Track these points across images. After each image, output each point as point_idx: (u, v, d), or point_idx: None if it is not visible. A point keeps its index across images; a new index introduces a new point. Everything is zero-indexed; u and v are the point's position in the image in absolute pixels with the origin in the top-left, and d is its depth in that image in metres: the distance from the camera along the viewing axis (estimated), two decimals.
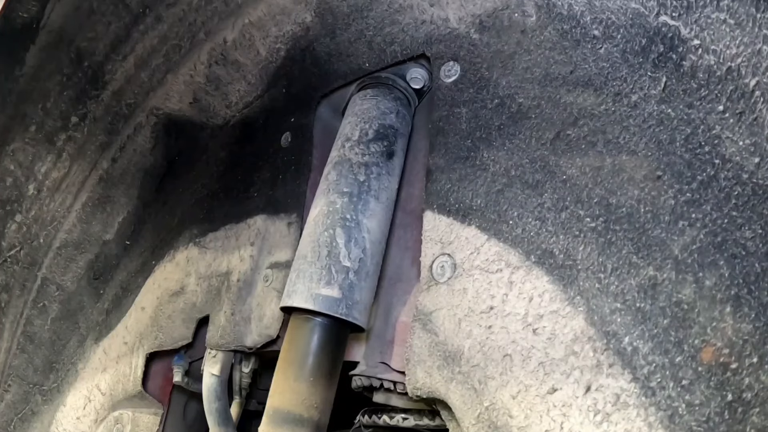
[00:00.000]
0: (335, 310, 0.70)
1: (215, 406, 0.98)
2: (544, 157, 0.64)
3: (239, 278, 1.00)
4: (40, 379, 1.35)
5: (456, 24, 0.75)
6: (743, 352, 0.48)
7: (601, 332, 0.55)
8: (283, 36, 0.99)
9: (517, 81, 0.68)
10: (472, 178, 0.69)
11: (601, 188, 0.59)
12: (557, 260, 0.59)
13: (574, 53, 0.64)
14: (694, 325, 0.50)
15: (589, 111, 0.62)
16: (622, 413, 0.51)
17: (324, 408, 0.70)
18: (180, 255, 1.15)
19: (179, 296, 1.12)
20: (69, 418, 1.24)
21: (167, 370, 1.16)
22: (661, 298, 0.53)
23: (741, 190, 0.51)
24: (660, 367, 0.51)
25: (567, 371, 0.55)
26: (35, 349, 1.38)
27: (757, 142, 0.51)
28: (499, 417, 0.58)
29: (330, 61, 0.93)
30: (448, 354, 0.64)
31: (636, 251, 0.55)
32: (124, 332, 1.20)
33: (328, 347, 0.71)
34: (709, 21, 0.55)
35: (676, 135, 0.56)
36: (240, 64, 1.06)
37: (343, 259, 0.72)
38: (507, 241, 0.63)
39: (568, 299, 0.57)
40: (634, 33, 0.60)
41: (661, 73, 0.58)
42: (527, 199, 0.64)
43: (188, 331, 1.08)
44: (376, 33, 0.85)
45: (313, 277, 0.72)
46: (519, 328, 0.59)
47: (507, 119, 0.68)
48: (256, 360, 1.03)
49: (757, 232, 0.49)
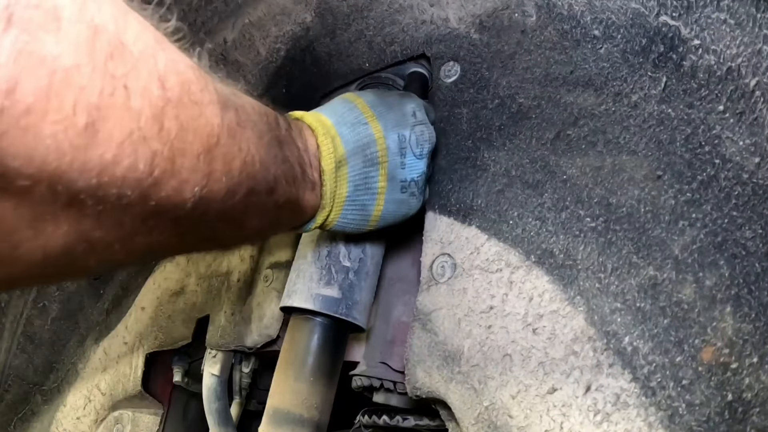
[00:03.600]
0: (335, 310, 0.70)
1: (215, 406, 0.98)
2: (544, 157, 0.64)
3: (239, 278, 1.00)
4: (40, 379, 1.35)
5: (456, 24, 0.75)
6: (743, 352, 0.48)
7: (601, 332, 0.55)
8: (283, 36, 0.99)
9: (517, 81, 0.68)
10: (473, 178, 0.69)
11: (601, 188, 0.59)
12: (557, 260, 0.59)
13: (574, 53, 0.64)
14: (694, 325, 0.50)
15: (589, 111, 0.62)
16: (622, 413, 0.51)
17: (324, 408, 0.70)
18: (180, 255, 1.15)
19: (179, 296, 1.12)
20: (69, 418, 1.24)
21: (167, 370, 1.16)
22: (661, 298, 0.53)
23: (741, 190, 0.51)
24: (660, 367, 0.51)
25: (567, 371, 0.55)
26: (35, 349, 1.38)
27: (757, 142, 0.51)
28: (499, 417, 0.58)
29: (330, 61, 0.93)
30: (447, 354, 0.64)
31: (636, 251, 0.55)
32: (124, 332, 1.20)
33: (328, 347, 0.71)
34: (710, 21, 0.55)
35: (677, 135, 0.56)
36: (240, 64, 1.06)
37: (343, 259, 0.72)
38: (507, 241, 0.63)
39: (568, 299, 0.57)
40: (635, 33, 0.60)
41: (661, 73, 0.58)
42: (527, 199, 0.64)
43: (188, 331, 1.08)
44: (376, 33, 0.85)
45: (313, 277, 0.72)
46: (519, 328, 0.59)
47: (507, 119, 0.68)
48: (256, 360, 1.03)
49: (757, 232, 0.49)
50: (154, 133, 0.32)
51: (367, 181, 0.61)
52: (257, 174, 0.45)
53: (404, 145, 0.63)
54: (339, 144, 0.59)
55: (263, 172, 0.46)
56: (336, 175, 0.59)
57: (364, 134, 0.61)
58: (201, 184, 0.38)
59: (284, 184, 0.51)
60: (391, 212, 0.65)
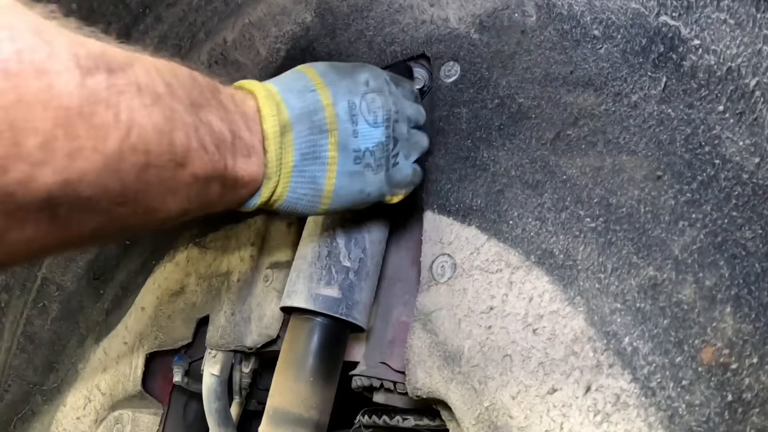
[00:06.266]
0: (335, 310, 0.70)
1: (215, 406, 0.98)
2: (544, 157, 0.64)
3: (239, 278, 1.00)
4: (40, 379, 1.35)
5: (456, 24, 0.75)
6: (743, 352, 0.48)
7: (601, 332, 0.55)
8: (283, 36, 0.99)
9: (517, 81, 0.68)
10: (473, 178, 0.69)
11: (601, 188, 0.59)
12: (557, 260, 0.59)
13: (574, 53, 0.64)
14: (694, 325, 0.50)
15: (589, 111, 0.62)
16: (622, 413, 0.51)
17: (324, 408, 0.70)
18: (180, 255, 1.15)
19: (179, 296, 1.12)
20: (69, 418, 1.24)
21: (167, 370, 1.16)
22: (661, 298, 0.53)
23: (741, 190, 0.51)
24: (660, 367, 0.51)
25: (567, 371, 0.55)
26: (35, 349, 1.38)
27: (757, 142, 0.51)
28: (499, 417, 0.58)
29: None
30: (448, 354, 0.64)
31: (636, 251, 0.55)
32: (124, 332, 1.20)
33: (328, 347, 0.71)
34: (710, 21, 0.55)
35: (676, 135, 0.56)
36: (240, 64, 1.06)
37: (343, 259, 0.72)
38: (507, 241, 0.63)
39: (568, 299, 0.57)
40: (635, 33, 0.60)
41: (661, 73, 0.58)
42: (527, 199, 0.64)
43: (188, 331, 1.08)
44: (376, 33, 0.85)
45: (313, 277, 0.72)
46: (519, 329, 0.59)
47: (507, 119, 0.68)
48: (256, 360, 1.03)
49: (757, 232, 0.49)
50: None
51: (315, 149, 0.56)
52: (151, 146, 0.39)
53: (355, 112, 0.59)
54: (284, 109, 0.54)
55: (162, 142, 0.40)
56: (281, 141, 0.54)
57: (312, 100, 0.57)
58: (63, 165, 0.33)
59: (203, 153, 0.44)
60: (345, 187, 0.59)
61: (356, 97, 0.59)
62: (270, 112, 0.53)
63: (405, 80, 0.71)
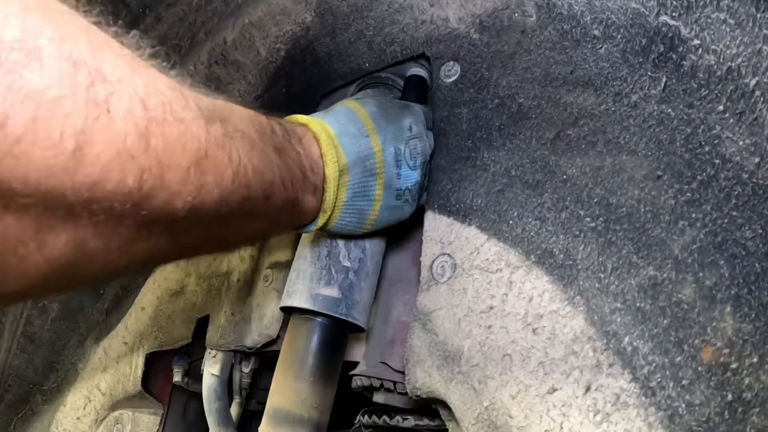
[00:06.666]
0: (335, 310, 0.70)
1: (215, 406, 0.98)
2: (544, 157, 0.64)
3: (239, 278, 1.00)
4: (40, 379, 1.35)
5: (456, 24, 0.75)
6: (743, 352, 0.48)
7: (601, 332, 0.55)
8: (283, 36, 0.99)
9: (517, 81, 0.68)
10: (473, 178, 0.69)
11: (601, 188, 0.59)
12: (557, 260, 0.59)
13: (574, 53, 0.64)
14: (694, 325, 0.50)
15: (589, 111, 0.62)
16: (622, 413, 0.51)
17: (324, 408, 0.70)
18: None
19: (179, 296, 1.13)
20: (69, 418, 1.24)
21: (167, 370, 1.16)
22: (661, 298, 0.53)
23: (741, 190, 0.51)
24: (660, 367, 0.51)
25: (567, 371, 0.55)
26: (35, 349, 1.38)
27: (757, 142, 0.51)
28: (499, 417, 0.58)
29: (330, 61, 0.93)
30: (447, 354, 0.64)
31: (636, 251, 0.55)
32: (124, 332, 1.20)
33: (328, 347, 0.71)
34: (710, 21, 0.55)
35: (676, 135, 0.56)
36: (240, 64, 1.06)
37: (343, 259, 0.72)
38: (507, 241, 0.63)
39: (568, 299, 0.57)
40: (635, 33, 0.60)
41: (661, 73, 0.58)
42: (527, 199, 0.64)
43: (188, 331, 1.08)
44: (376, 33, 0.85)
45: (313, 277, 0.72)
46: (519, 328, 0.59)
47: (507, 119, 0.68)
48: (256, 360, 1.03)
49: (757, 232, 0.49)
50: (141, 151, 0.35)
51: (365, 189, 0.66)
52: (251, 182, 0.47)
53: (400, 158, 0.68)
54: (342, 154, 0.63)
55: (257, 179, 0.48)
56: (339, 181, 0.63)
57: (365, 147, 0.65)
58: (192, 195, 0.40)
59: (282, 188, 0.53)
60: (386, 217, 0.69)
61: (401, 143, 0.68)
62: (331, 159, 0.61)
63: (429, 111, 0.76)
